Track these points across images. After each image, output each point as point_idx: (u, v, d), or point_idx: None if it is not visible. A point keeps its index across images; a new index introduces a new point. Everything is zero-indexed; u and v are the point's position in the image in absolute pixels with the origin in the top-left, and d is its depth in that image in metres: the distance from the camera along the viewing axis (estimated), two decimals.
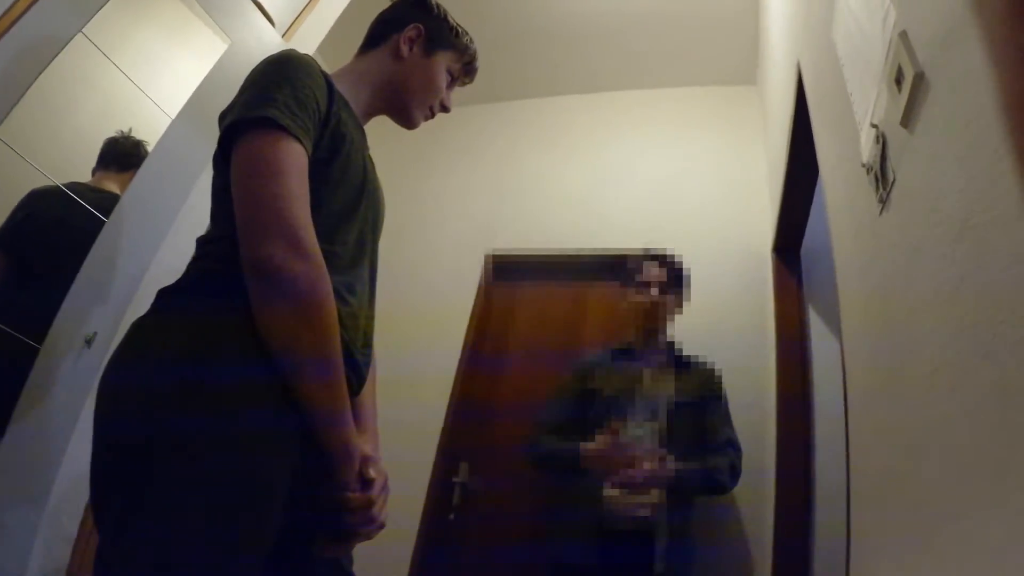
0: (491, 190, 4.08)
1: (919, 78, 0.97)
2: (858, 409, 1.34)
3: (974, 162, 0.79)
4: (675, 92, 4.05)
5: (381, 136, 1.54)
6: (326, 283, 1.04)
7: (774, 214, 2.95)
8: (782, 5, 2.59)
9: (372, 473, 1.09)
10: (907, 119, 1.01)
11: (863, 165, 1.25)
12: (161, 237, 2.28)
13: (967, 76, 0.82)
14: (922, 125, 0.97)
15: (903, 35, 1.03)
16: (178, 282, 1.11)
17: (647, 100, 4.09)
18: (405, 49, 1.43)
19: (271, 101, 1.08)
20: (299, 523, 1.05)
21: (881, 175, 1.15)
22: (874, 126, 1.17)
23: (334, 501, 1.06)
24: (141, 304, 2.09)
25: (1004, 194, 0.71)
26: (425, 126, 1.54)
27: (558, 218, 3.80)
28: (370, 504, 1.08)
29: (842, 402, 2.31)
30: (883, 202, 1.14)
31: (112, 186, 2.23)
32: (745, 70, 3.86)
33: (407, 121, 1.48)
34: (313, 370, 1.02)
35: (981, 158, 0.77)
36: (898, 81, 1.03)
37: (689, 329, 2.85)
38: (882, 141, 1.14)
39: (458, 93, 1.58)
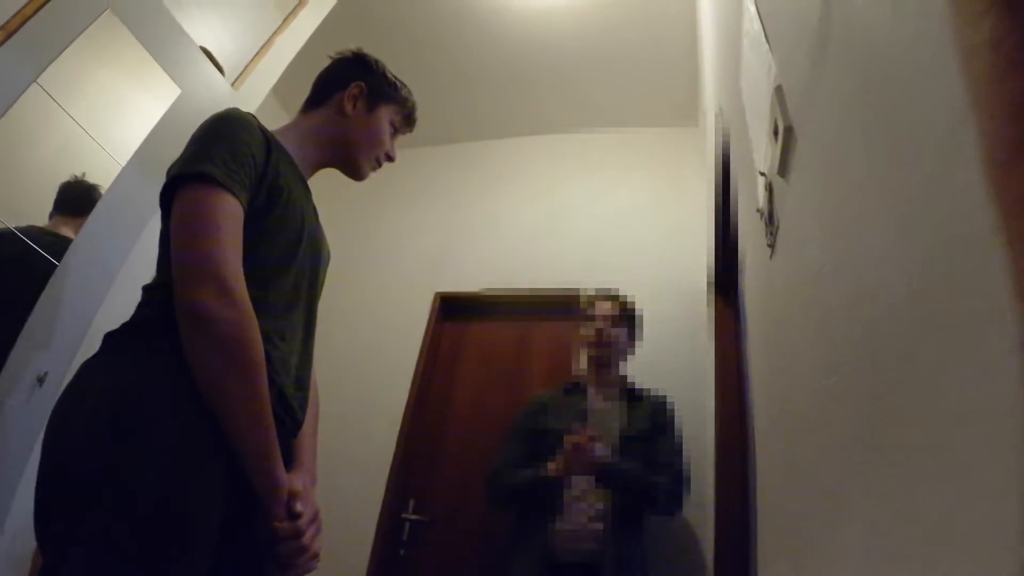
0: (440, 230, 4.13)
1: (789, 131, 1.02)
2: (760, 441, 1.38)
3: (826, 212, 0.84)
4: (620, 133, 4.15)
5: (332, 178, 1.59)
6: (254, 329, 1.10)
7: (713, 253, 3.01)
8: (712, 51, 2.69)
9: (299, 507, 1.14)
10: (783, 169, 1.07)
11: (758, 211, 1.31)
12: (111, 280, 2.34)
13: (820, 132, 0.87)
14: (793, 175, 1.02)
15: (778, 90, 1.09)
16: (123, 326, 1.17)
17: (593, 142, 4.18)
18: (349, 107, 1.50)
19: (209, 158, 1.15)
20: (236, 555, 1.10)
21: (769, 221, 1.20)
22: (762, 174, 1.23)
23: (265, 533, 1.11)
24: (91, 345, 2.14)
25: (849, 244, 0.75)
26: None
27: (505, 258, 3.86)
28: (298, 535, 1.13)
29: None
30: (771, 246, 1.19)
31: (67, 231, 2.27)
32: (687, 111, 3.96)
33: (355, 174, 1.56)
34: (241, 411, 1.08)
35: (831, 208, 0.82)
36: (775, 133, 1.09)
37: (633, 363, 2.91)
38: (769, 189, 1.19)
39: (409, 135, 1.64)
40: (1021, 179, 0.21)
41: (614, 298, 2.80)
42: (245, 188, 1.18)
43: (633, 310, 2.82)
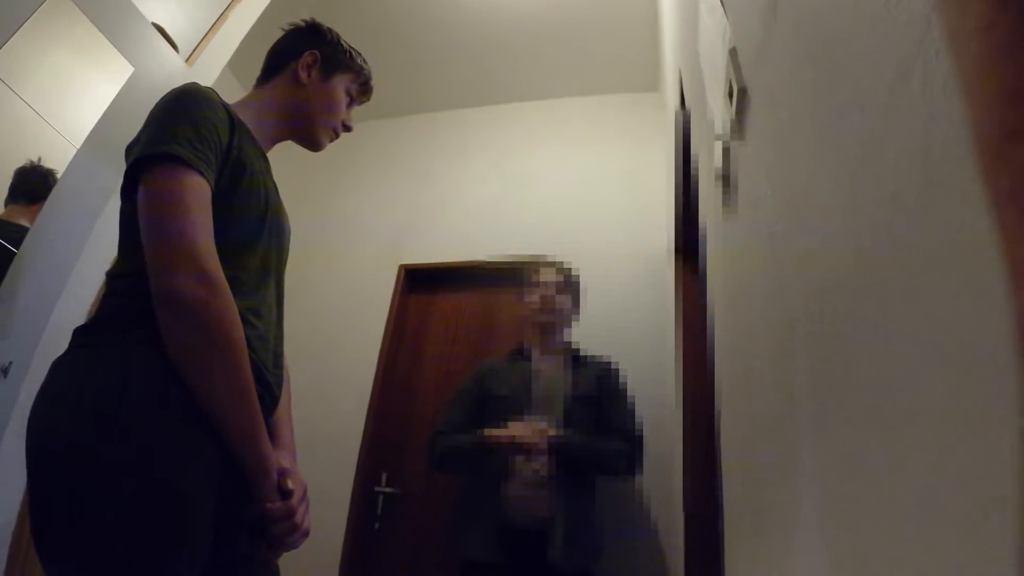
0: (402, 203, 4.11)
1: (743, 93, 1.03)
2: (725, 401, 1.41)
3: (778, 172, 0.85)
4: (581, 101, 4.14)
5: (294, 153, 1.57)
6: (233, 310, 1.09)
7: (675, 217, 3.04)
8: (671, 16, 2.69)
9: (290, 485, 1.15)
10: (737, 131, 1.08)
11: (716, 173, 1.32)
12: (71, 266, 2.30)
13: (772, 93, 0.88)
14: (748, 136, 1.04)
15: (733, 52, 1.10)
16: (93, 320, 1.15)
17: (554, 109, 4.17)
18: (304, 75, 1.48)
19: (173, 137, 1.12)
20: (227, 538, 1.09)
21: (727, 183, 1.22)
22: (719, 136, 1.24)
23: (258, 515, 1.12)
24: (55, 333, 2.12)
25: (799, 203, 0.77)
26: (337, 141, 1.59)
27: (470, 228, 3.85)
28: (291, 513, 1.14)
29: None
30: (729, 207, 1.21)
31: (22, 219, 2.23)
32: (649, 77, 3.96)
33: (313, 144, 1.54)
34: (226, 393, 1.08)
35: (782, 168, 0.83)
36: (730, 95, 1.10)
37: (595, 330, 2.96)
38: (726, 150, 1.21)
39: (369, 107, 1.62)
40: (1013, 167, 0.21)
41: (557, 266, 2.85)
42: (211, 166, 1.16)
43: (575, 278, 2.86)
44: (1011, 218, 0.21)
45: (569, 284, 2.81)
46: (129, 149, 1.19)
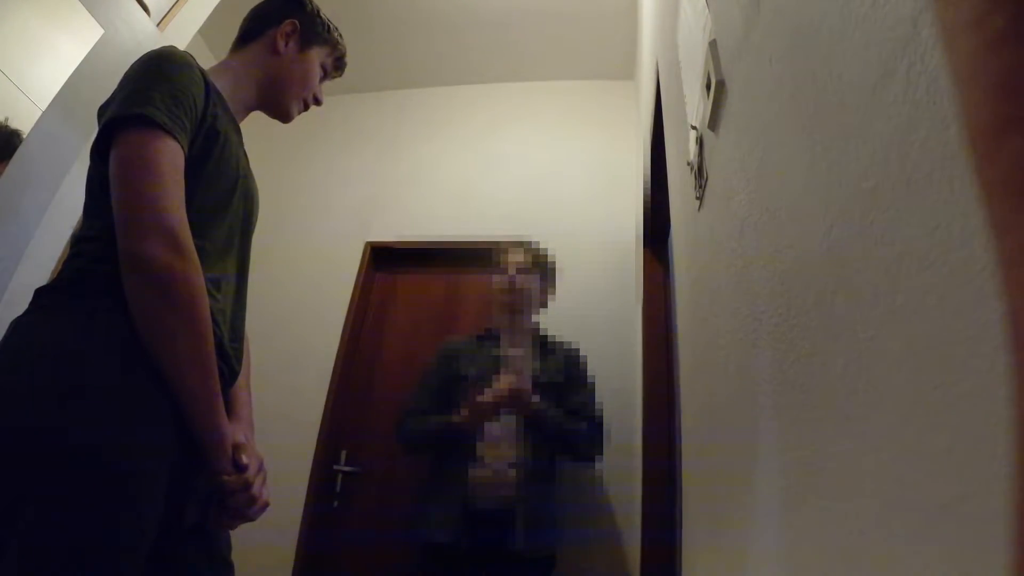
0: (371, 179, 4.07)
1: (720, 85, 1.04)
2: (685, 391, 1.43)
3: (752, 164, 0.86)
4: (556, 85, 4.14)
5: (261, 125, 1.55)
6: (201, 280, 1.09)
7: (643, 206, 3.06)
8: (651, 6, 2.69)
9: (244, 459, 1.14)
10: (713, 123, 1.09)
11: (688, 164, 1.33)
12: (33, 229, 2.23)
13: (749, 87, 0.89)
14: (723, 129, 1.04)
15: (713, 44, 1.11)
16: (54, 281, 1.13)
17: (528, 93, 4.16)
18: (281, 44, 1.48)
19: (149, 99, 1.10)
20: (176, 508, 1.08)
21: (698, 174, 1.23)
22: (694, 128, 1.25)
23: (212, 487, 1.11)
24: (14, 297, 2.07)
25: (772, 196, 0.78)
26: (305, 115, 1.59)
27: (437, 208, 3.84)
28: (247, 486, 1.14)
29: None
30: (700, 199, 1.22)
31: None
32: (625, 65, 3.97)
33: (283, 115, 1.53)
34: (187, 363, 1.06)
35: (757, 161, 0.84)
36: (708, 87, 1.11)
37: (562, 316, 2.96)
38: (700, 142, 1.22)
39: (339, 82, 1.61)
40: (1005, 161, 0.21)
41: (526, 248, 2.79)
42: (186, 132, 1.14)
43: (546, 260, 2.81)
44: (1002, 211, 0.21)
45: (539, 266, 2.76)
46: (103, 109, 1.18)
